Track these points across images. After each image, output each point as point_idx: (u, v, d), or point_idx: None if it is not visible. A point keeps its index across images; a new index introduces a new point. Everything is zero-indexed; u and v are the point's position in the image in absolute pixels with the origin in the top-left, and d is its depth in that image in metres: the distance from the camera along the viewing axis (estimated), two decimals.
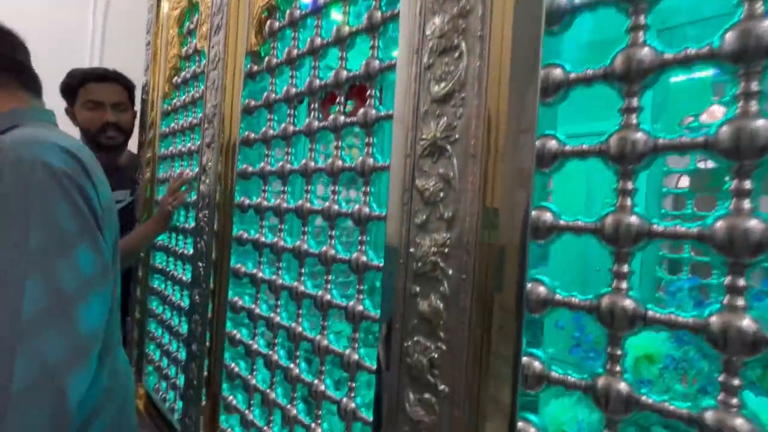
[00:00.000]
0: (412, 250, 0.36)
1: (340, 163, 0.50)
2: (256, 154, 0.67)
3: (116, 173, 1.08)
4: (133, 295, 1.05)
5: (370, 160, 0.46)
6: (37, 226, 0.48)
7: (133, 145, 1.16)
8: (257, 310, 0.63)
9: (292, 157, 0.59)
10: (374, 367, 0.43)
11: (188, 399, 0.72)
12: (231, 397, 0.67)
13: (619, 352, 0.27)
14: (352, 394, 0.46)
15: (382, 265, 0.43)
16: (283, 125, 0.60)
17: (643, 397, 0.26)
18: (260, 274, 0.63)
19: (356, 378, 0.47)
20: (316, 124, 0.54)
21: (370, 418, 0.43)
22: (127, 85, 1.03)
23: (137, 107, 1.11)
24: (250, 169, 0.67)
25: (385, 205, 0.42)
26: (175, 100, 0.97)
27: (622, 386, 0.27)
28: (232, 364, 0.68)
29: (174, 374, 0.88)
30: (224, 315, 0.68)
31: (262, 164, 0.64)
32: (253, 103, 0.67)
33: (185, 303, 0.86)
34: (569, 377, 0.29)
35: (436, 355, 0.33)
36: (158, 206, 0.95)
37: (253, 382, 0.63)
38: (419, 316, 0.35)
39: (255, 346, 0.63)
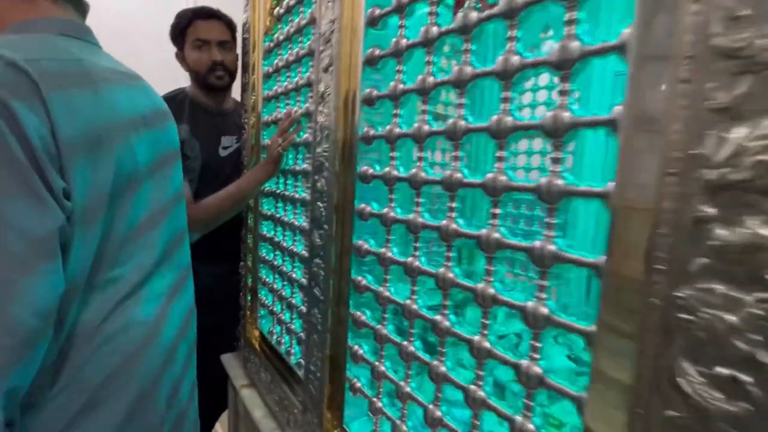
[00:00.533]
0: (702, 151, 0.23)
1: (516, 59, 0.37)
2: (384, 74, 0.57)
3: (223, 118, 1.07)
4: (245, 243, 1.07)
5: (575, 44, 0.33)
6: None
7: (234, 91, 1.15)
8: (388, 254, 0.55)
9: (434, 67, 0.48)
10: (577, 324, 0.32)
11: (311, 345, 0.69)
12: (357, 347, 0.63)
13: None
14: (536, 356, 0.37)
15: (594, 189, 0.31)
16: (423, 28, 0.48)
17: None
18: (391, 214, 0.55)
19: (540, 338, 0.37)
20: (474, 16, 0.42)
21: (572, 390, 0.33)
22: (230, 24, 0.99)
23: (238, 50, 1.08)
24: (376, 92, 0.57)
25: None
26: (277, 34, 0.91)
27: None
28: (358, 312, 0.62)
29: (289, 319, 0.88)
30: (348, 259, 0.62)
31: (392, 84, 0.53)
32: (378, 11, 0.56)
33: (299, 248, 0.83)
34: None
35: (758, 312, 0.21)
36: (266, 150, 0.91)
37: (384, 332, 0.57)
38: (715, 251, 0.22)
39: (386, 294, 0.56)
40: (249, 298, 1.08)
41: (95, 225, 0.47)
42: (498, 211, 0.40)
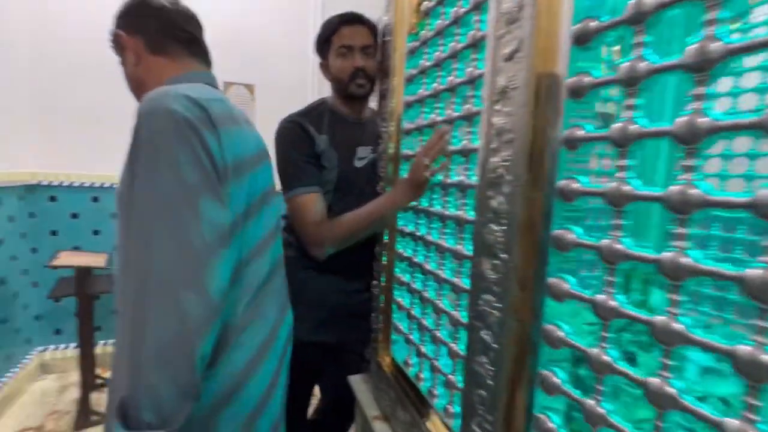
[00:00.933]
0: None
1: None
2: (601, 54, 0.42)
3: (360, 128, 1.02)
4: (378, 260, 0.99)
5: None
6: (162, 177, 0.50)
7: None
8: (611, 302, 0.39)
9: (722, 28, 0.31)
10: None
11: (475, 401, 0.56)
12: (545, 417, 0.47)
13: None
14: None
15: None
16: None
17: None
18: (617, 246, 0.39)
19: None
20: None
21: None
22: (374, 28, 0.94)
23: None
24: (591, 79, 0.42)
25: None
26: (423, 32, 0.81)
27: None
28: (548, 372, 0.47)
29: (433, 354, 0.76)
30: (534, 300, 0.48)
31: (628, 63, 0.38)
32: None
33: (447, 274, 0.71)
34: None
35: None
36: (410, 169, 0.82)
37: (598, 410, 0.40)
38: None
39: (604, 358, 0.40)
40: (381, 319, 1.00)
41: (238, 231, 0.59)
42: None
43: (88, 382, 1.84)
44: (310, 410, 1.34)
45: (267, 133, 1.20)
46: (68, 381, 2.14)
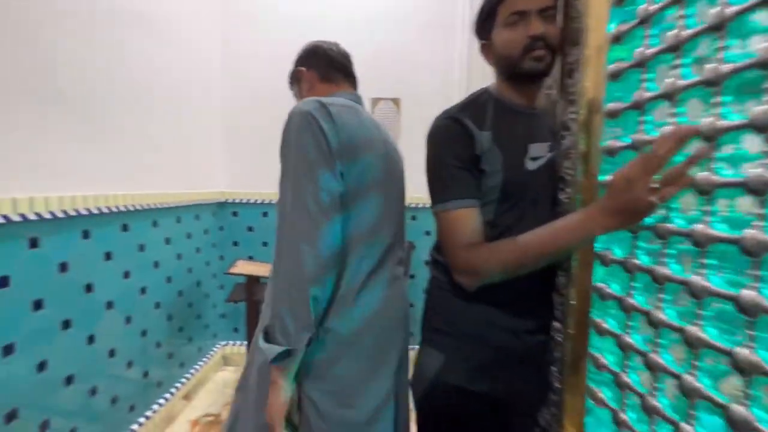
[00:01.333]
0: None
1: None
2: None
3: (532, 120, 0.79)
4: (563, 295, 0.73)
5: None
6: (292, 156, 0.70)
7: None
8: None
9: None
10: None
11: None
12: None
13: None
14: None
15: None
16: None
17: None
18: None
19: None
20: None
21: None
22: None
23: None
24: None
25: None
26: None
27: None
28: None
29: None
30: None
31: None
32: None
33: (709, 333, 0.43)
34: None
35: None
36: (617, 182, 0.55)
37: None
38: None
39: None
40: (565, 376, 0.73)
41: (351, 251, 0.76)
42: None
43: None
44: None
45: (412, 145, 1.11)
46: None
